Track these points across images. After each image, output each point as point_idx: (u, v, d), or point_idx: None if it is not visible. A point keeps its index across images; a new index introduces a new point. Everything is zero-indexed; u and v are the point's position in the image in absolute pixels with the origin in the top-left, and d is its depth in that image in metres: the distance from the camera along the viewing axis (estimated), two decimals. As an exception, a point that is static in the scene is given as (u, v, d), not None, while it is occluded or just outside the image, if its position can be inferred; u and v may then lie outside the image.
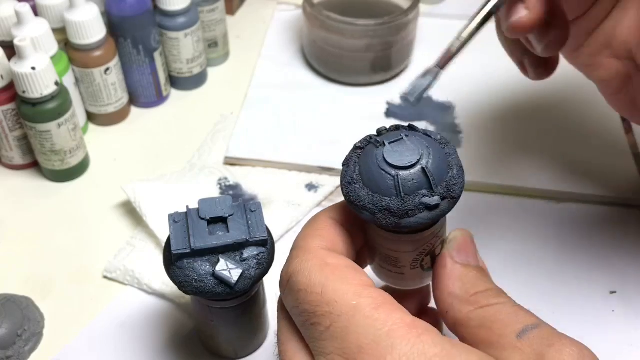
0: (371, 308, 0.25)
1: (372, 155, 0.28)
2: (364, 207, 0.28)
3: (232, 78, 0.65)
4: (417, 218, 0.27)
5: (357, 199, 0.28)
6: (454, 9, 0.72)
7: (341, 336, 0.25)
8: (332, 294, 0.26)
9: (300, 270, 0.27)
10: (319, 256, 0.28)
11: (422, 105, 0.60)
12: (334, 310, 0.25)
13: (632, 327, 0.44)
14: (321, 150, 0.56)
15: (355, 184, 0.28)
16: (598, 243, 0.49)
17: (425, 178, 0.27)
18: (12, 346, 0.42)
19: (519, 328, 0.26)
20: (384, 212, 0.27)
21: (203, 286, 0.35)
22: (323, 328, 0.26)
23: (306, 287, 0.27)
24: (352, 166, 0.29)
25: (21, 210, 0.52)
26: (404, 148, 0.28)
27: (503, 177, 0.53)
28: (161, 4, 0.57)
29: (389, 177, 0.27)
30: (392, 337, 0.24)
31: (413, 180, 0.27)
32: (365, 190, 0.28)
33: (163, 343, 0.44)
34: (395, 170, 0.27)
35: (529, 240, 0.50)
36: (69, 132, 0.52)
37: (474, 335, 0.27)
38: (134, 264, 0.47)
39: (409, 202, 0.27)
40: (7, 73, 0.49)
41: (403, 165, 0.27)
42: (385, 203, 0.27)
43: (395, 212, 0.27)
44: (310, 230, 0.30)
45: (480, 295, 0.28)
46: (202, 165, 0.55)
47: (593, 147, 0.56)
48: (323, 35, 0.60)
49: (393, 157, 0.27)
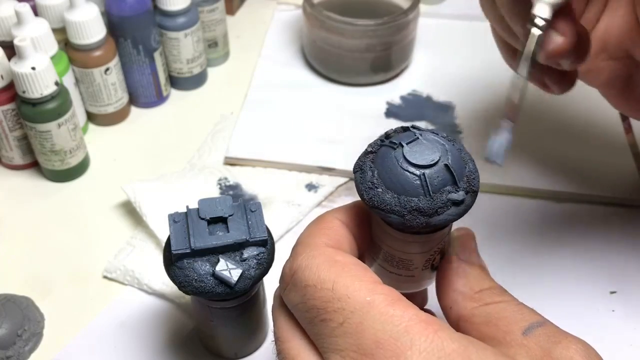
0: (386, 304, 0.25)
1: (391, 157, 0.28)
2: (392, 211, 0.27)
3: (232, 78, 0.65)
4: (445, 215, 0.27)
5: (382, 203, 0.27)
6: (454, 9, 0.72)
7: (356, 332, 0.25)
8: (344, 290, 0.26)
9: (307, 266, 0.27)
10: (326, 253, 0.28)
11: (422, 106, 0.60)
12: (346, 306, 0.25)
13: (632, 327, 0.44)
14: (321, 150, 0.56)
15: (377, 188, 0.28)
16: (598, 243, 0.49)
17: (449, 174, 0.27)
18: (12, 346, 0.42)
19: (524, 325, 0.26)
20: (413, 213, 0.27)
21: (203, 286, 0.35)
22: (335, 324, 0.25)
23: (315, 282, 0.26)
24: (369, 171, 0.28)
25: (21, 210, 0.52)
26: (422, 147, 0.28)
27: (503, 177, 0.53)
28: (161, 4, 0.57)
29: (415, 177, 0.27)
30: (410, 333, 0.24)
31: (438, 178, 0.27)
32: (390, 194, 0.27)
33: (163, 343, 0.44)
34: (420, 170, 0.27)
35: (529, 240, 0.50)
36: (69, 132, 0.52)
37: (479, 331, 0.27)
38: (134, 264, 0.47)
39: (437, 199, 0.27)
40: (7, 73, 0.49)
41: (427, 163, 0.27)
42: (414, 203, 0.27)
43: (425, 211, 0.27)
44: (316, 229, 0.30)
45: (484, 292, 0.29)
46: (202, 165, 0.55)
47: (593, 147, 0.56)
48: (323, 35, 0.60)
49: (414, 156, 0.27)
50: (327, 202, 0.53)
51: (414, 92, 0.62)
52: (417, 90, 0.62)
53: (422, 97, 0.62)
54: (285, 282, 0.28)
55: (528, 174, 0.54)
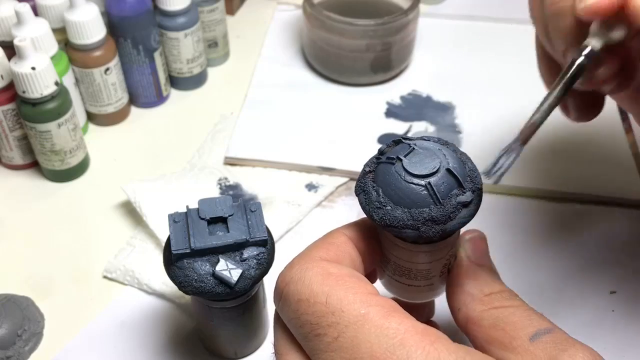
0: (381, 316, 0.25)
1: (392, 173, 0.28)
2: (405, 226, 0.27)
3: (232, 78, 0.65)
4: (459, 219, 0.27)
5: (395, 220, 0.27)
6: (454, 9, 0.72)
7: (351, 346, 0.24)
8: (337, 304, 0.25)
9: (300, 279, 0.27)
10: (320, 265, 0.27)
11: (422, 106, 0.60)
12: (341, 320, 0.25)
13: (632, 327, 0.44)
14: (321, 150, 0.56)
15: (386, 206, 0.27)
16: (598, 243, 0.49)
17: (453, 178, 0.27)
18: (12, 346, 0.42)
19: (532, 331, 0.26)
20: (427, 224, 0.27)
21: (203, 286, 0.35)
22: (330, 339, 0.25)
23: (308, 296, 0.26)
24: (373, 191, 0.28)
25: (21, 210, 0.52)
26: (420, 157, 0.28)
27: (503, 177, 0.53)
28: (161, 4, 0.57)
29: (421, 188, 0.27)
30: (406, 346, 0.24)
31: (444, 183, 0.27)
32: (400, 209, 0.27)
33: (163, 343, 0.44)
34: (425, 179, 0.27)
35: (529, 240, 0.50)
36: (69, 132, 0.52)
37: (486, 334, 0.27)
38: (134, 264, 0.47)
39: (447, 205, 0.27)
40: (7, 73, 0.49)
41: (430, 172, 0.27)
42: (426, 214, 0.27)
43: (439, 219, 0.27)
44: (319, 243, 0.29)
45: (494, 295, 0.28)
46: (202, 165, 0.55)
47: (593, 147, 0.56)
48: (323, 35, 0.60)
49: (416, 167, 0.27)
50: (327, 202, 0.53)
51: (414, 92, 0.62)
52: (417, 90, 0.62)
53: (422, 97, 0.62)
54: (278, 295, 0.28)
55: (528, 174, 0.54)
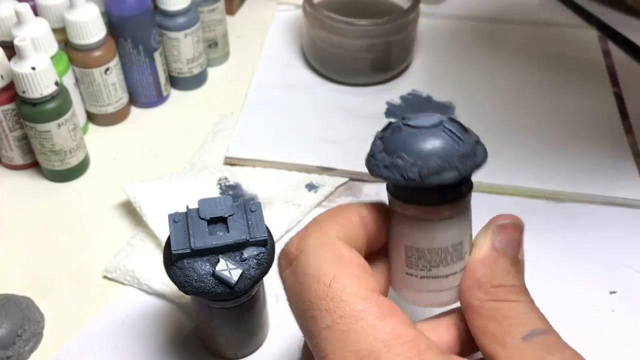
0: (376, 316, 0.25)
1: (406, 136, 0.27)
2: (444, 168, 0.27)
3: (232, 78, 0.65)
4: (481, 154, 0.28)
5: (432, 170, 0.27)
6: (454, 9, 0.72)
7: (340, 339, 0.24)
8: (340, 290, 0.25)
9: (312, 252, 0.27)
10: (335, 245, 0.27)
11: (422, 106, 0.60)
12: (337, 309, 0.25)
13: (632, 327, 0.44)
14: (321, 150, 0.56)
15: (415, 164, 0.27)
16: (598, 243, 0.49)
17: (457, 123, 0.28)
18: (12, 346, 0.42)
19: (527, 330, 0.26)
20: (462, 161, 0.27)
21: (203, 286, 0.35)
22: (323, 325, 0.25)
23: (314, 272, 0.26)
24: (398, 159, 0.27)
25: (21, 210, 0.52)
26: (419, 119, 0.28)
27: (503, 177, 0.53)
28: (161, 4, 0.57)
29: (440, 131, 0.27)
30: (393, 353, 0.24)
31: (455, 125, 0.28)
32: (432, 158, 0.27)
33: (163, 343, 0.44)
34: (439, 126, 0.27)
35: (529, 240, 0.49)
36: (69, 132, 0.52)
37: (482, 325, 0.27)
38: (134, 264, 0.47)
39: (467, 141, 0.27)
40: (7, 73, 0.49)
41: (437, 121, 0.27)
42: (455, 151, 0.27)
43: (469, 154, 0.27)
44: (332, 216, 0.29)
45: (502, 289, 0.28)
46: (202, 165, 0.55)
47: (593, 147, 0.56)
48: (323, 35, 0.60)
49: (424, 122, 0.27)
50: (327, 202, 0.53)
51: (414, 92, 0.62)
52: (417, 90, 0.62)
53: (422, 97, 0.62)
54: (288, 261, 0.28)
55: (528, 174, 0.54)
